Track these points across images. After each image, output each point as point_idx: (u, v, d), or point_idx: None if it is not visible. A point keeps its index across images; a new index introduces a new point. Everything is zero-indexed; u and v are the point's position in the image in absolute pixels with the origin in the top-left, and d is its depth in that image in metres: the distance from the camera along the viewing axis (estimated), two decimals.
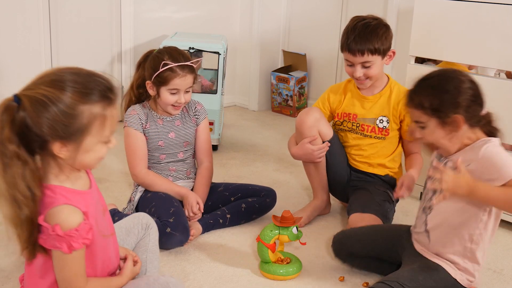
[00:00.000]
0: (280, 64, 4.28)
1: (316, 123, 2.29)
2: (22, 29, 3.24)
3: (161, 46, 3.09)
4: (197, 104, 2.36)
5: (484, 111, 1.68)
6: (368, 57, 2.19)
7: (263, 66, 4.19)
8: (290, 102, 4.09)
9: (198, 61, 2.27)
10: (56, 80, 1.24)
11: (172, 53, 2.20)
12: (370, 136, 2.31)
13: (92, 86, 1.26)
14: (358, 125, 2.32)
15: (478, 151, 1.64)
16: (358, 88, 2.33)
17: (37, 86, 1.24)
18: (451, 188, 1.58)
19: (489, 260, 2.13)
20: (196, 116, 2.34)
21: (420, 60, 2.65)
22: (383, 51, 2.21)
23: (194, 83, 2.24)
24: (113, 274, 1.55)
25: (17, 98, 1.23)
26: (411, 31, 2.58)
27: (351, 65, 2.23)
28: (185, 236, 2.06)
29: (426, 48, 2.54)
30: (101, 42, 3.57)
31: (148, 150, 2.26)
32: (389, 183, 2.34)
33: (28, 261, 1.36)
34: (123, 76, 3.68)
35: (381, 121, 2.29)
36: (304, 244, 2.04)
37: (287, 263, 1.97)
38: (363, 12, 3.62)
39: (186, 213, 2.16)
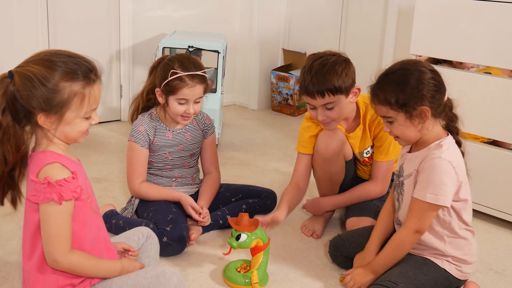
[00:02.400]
0: (280, 62, 4.27)
1: (342, 147, 2.17)
2: (20, 27, 3.23)
3: (160, 45, 3.10)
4: (206, 119, 2.31)
5: (445, 98, 1.70)
6: (329, 98, 2.00)
7: (263, 64, 4.18)
8: (290, 101, 4.07)
9: (210, 70, 2.20)
10: (43, 59, 1.40)
11: (183, 61, 2.11)
12: (365, 165, 2.27)
13: (75, 67, 1.41)
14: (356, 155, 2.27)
15: (429, 159, 1.67)
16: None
17: (28, 64, 1.41)
18: (362, 285, 1.79)
19: (491, 261, 2.12)
20: (205, 131, 2.30)
21: (435, 61, 2.62)
22: (346, 89, 2.02)
23: (205, 93, 2.16)
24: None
25: (10, 73, 1.41)
26: (412, 30, 2.56)
27: (313, 108, 2.06)
28: (181, 245, 2.03)
29: (427, 47, 2.52)
30: (99, 41, 3.55)
31: (153, 161, 2.24)
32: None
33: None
34: (121, 75, 3.67)
35: (367, 152, 2.22)
36: (227, 254, 1.91)
37: (248, 271, 1.89)
38: (364, 11, 3.64)
39: (196, 217, 2.13)
